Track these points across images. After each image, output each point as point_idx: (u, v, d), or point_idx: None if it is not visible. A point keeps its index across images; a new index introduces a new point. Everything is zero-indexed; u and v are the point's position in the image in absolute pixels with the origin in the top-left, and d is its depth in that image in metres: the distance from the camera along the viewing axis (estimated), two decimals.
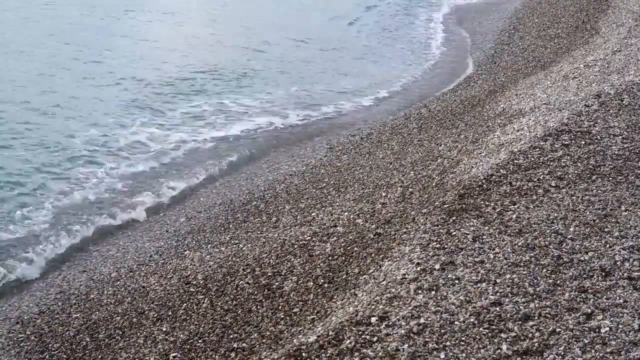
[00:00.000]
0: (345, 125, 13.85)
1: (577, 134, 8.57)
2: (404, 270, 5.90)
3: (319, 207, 8.95)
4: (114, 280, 8.10)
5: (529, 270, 5.81)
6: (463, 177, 7.86)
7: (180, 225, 9.51)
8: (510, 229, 6.45)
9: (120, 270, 8.34)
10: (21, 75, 15.57)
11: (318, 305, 6.36)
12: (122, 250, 9.00)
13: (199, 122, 13.79)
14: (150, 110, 14.16)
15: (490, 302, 5.37)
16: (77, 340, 7.04)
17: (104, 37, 19.20)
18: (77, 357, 6.80)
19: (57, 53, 17.46)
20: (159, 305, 7.32)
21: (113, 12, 22.04)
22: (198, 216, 9.72)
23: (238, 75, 16.66)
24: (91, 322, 7.28)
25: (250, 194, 10.16)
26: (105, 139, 12.58)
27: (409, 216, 7.39)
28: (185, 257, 8.34)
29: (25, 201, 10.13)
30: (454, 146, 9.81)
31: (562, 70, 13.02)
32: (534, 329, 5.11)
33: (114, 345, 6.87)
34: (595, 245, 6.22)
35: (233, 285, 7.25)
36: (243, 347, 6.18)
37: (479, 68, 16.82)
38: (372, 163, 10.49)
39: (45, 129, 12.71)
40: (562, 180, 7.44)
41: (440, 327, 5.11)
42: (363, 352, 4.91)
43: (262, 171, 11.41)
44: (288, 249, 7.69)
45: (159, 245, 8.91)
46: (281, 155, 12.20)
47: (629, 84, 10.55)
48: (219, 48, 19.07)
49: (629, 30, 15.13)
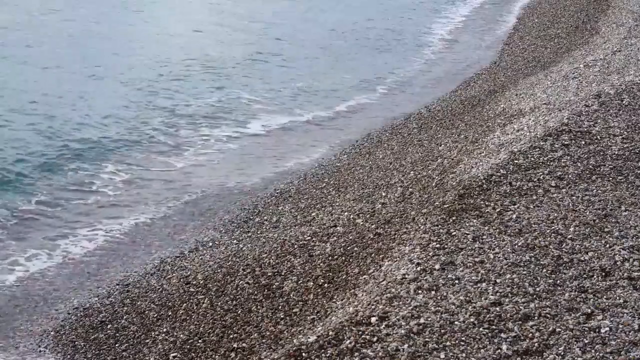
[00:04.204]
0: (345, 124, 13.87)
1: (577, 134, 8.57)
2: (404, 270, 5.90)
3: (319, 207, 8.95)
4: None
5: (529, 270, 5.81)
6: (463, 177, 7.86)
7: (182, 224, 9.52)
8: (510, 229, 6.45)
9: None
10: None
11: (318, 305, 6.35)
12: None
13: (199, 119, 13.81)
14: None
15: (490, 302, 5.37)
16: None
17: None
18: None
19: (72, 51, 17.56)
20: (159, 305, 7.32)
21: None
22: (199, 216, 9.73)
23: (236, 73, 16.69)
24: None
25: (250, 193, 10.16)
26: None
27: (409, 216, 7.38)
28: (185, 257, 8.34)
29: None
30: (454, 146, 9.80)
31: (562, 70, 13.02)
32: (534, 329, 5.11)
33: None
34: (595, 245, 6.22)
35: (233, 285, 7.25)
36: (243, 347, 6.18)
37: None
38: (372, 163, 10.48)
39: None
40: (562, 180, 7.44)
41: (440, 327, 5.11)
42: (363, 352, 4.90)
43: (262, 170, 11.41)
44: (288, 249, 7.69)
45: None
46: (281, 155, 12.19)
47: (629, 84, 10.55)
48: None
49: (629, 30, 15.14)
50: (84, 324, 7.32)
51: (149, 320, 7.11)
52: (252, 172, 11.45)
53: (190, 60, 17.36)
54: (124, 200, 10.47)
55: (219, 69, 16.86)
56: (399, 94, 16.11)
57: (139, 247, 9.02)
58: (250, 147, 12.69)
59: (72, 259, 8.82)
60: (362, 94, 15.98)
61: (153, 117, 13.59)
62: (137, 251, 8.92)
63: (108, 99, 14.34)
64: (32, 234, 9.30)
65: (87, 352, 6.91)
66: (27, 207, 9.96)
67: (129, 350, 6.78)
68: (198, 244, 8.68)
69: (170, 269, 8.05)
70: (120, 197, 10.53)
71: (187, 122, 13.59)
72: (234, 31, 20.69)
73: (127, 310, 7.39)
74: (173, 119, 13.65)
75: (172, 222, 9.69)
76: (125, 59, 17.15)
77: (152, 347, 6.68)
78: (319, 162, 11.20)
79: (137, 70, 16.32)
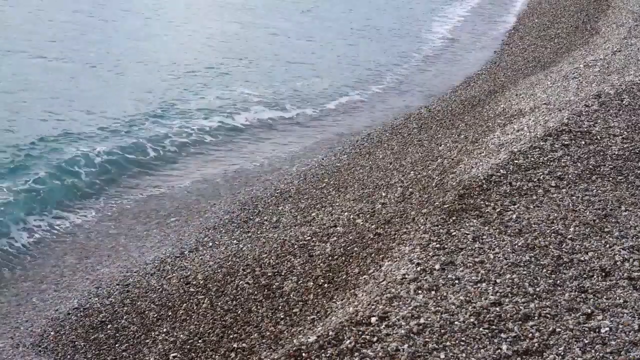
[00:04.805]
0: (340, 123, 13.89)
1: (577, 134, 8.57)
2: (404, 270, 5.90)
3: (319, 207, 8.95)
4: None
5: (529, 270, 5.81)
6: (463, 177, 7.86)
7: (182, 225, 9.52)
8: (510, 229, 6.45)
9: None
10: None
11: (318, 305, 6.36)
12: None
13: (197, 116, 13.81)
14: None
15: (490, 302, 5.37)
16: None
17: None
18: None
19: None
20: (159, 305, 7.32)
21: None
22: (198, 216, 9.73)
23: (230, 70, 16.71)
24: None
25: (250, 193, 10.16)
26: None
27: (409, 216, 7.38)
28: (185, 257, 8.33)
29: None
30: (454, 146, 9.80)
31: (562, 70, 13.02)
32: (534, 329, 5.11)
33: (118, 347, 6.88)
34: (595, 245, 6.22)
35: (233, 285, 7.25)
36: (243, 347, 6.18)
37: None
38: (372, 163, 10.48)
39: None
40: (562, 180, 7.44)
41: (440, 327, 5.11)
42: (363, 352, 4.91)
43: (262, 171, 11.41)
44: (288, 249, 7.69)
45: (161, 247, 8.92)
46: (280, 154, 12.20)
47: (629, 84, 10.55)
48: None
49: (629, 30, 15.14)
50: (84, 324, 7.32)
51: (149, 320, 7.11)
52: (251, 172, 11.47)
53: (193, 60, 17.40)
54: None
55: (220, 68, 16.90)
56: (398, 93, 16.12)
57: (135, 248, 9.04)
58: (241, 144, 12.72)
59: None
60: (360, 92, 15.99)
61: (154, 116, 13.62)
62: (133, 252, 8.94)
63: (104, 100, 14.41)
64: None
65: (87, 352, 6.91)
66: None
67: (129, 350, 6.78)
68: (198, 244, 8.67)
69: (170, 269, 8.04)
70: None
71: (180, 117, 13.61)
72: (231, 29, 20.70)
73: (127, 310, 7.39)
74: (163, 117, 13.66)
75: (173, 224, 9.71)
76: (126, 59, 17.20)
77: (152, 347, 6.68)
78: (319, 162, 11.19)
79: (136, 71, 16.35)
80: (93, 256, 9.02)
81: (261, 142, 13.10)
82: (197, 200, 10.47)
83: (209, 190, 10.88)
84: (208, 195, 10.65)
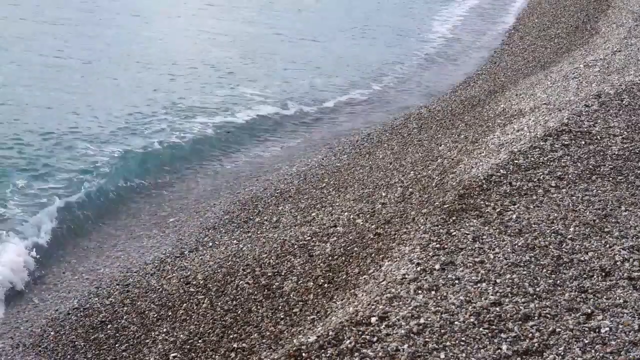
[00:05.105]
0: (341, 122, 13.90)
1: (577, 134, 8.57)
2: (404, 270, 5.90)
3: (319, 207, 8.95)
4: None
5: (529, 270, 5.81)
6: (463, 177, 7.86)
7: (182, 224, 9.52)
8: (510, 229, 6.45)
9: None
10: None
11: (318, 305, 6.36)
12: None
13: (197, 115, 13.82)
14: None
15: (490, 302, 5.37)
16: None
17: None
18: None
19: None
20: (159, 305, 7.32)
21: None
22: (198, 215, 9.73)
23: (230, 70, 16.71)
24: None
25: (250, 193, 10.16)
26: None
27: (409, 216, 7.38)
28: (185, 257, 8.33)
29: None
30: (454, 146, 9.80)
31: (562, 70, 13.02)
32: (534, 329, 5.11)
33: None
34: (595, 245, 6.22)
35: (233, 285, 7.25)
36: (243, 347, 6.18)
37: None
38: (372, 163, 10.48)
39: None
40: (562, 180, 7.44)
41: (440, 327, 5.11)
42: (363, 352, 4.91)
43: (262, 171, 11.41)
44: (288, 249, 7.69)
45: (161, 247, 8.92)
46: (280, 154, 12.20)
47: (629, 84, 10.55)
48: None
49: (629, 30, 15.13)
50: (84, 324, 7.32)
51: (149, 320, 7.11)
52: (251, 171, 11.47)
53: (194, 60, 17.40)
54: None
55: (221, 68, 16.90)
56: (398, 93, 16.12)
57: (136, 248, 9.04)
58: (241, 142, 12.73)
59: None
60: (360, 91, 15.99)
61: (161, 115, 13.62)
62: (133, 252, 8.94)
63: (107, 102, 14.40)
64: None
65: (87, 352, 6.91)
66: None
67: (129, 350, 6.78)
68: (198, 244, 8.67)
69: (170, 269, 8.05)
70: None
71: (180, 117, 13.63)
72: (232, 30, 20.70)
73: (127, 310, 7.39)
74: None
75: (175, 221, 9.71)
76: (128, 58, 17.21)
77: (152, 347, 6.68)
78: (319, 162, 11.19)
79: (137, 70, 16.35)
80: (93, 256, 9.03)
81: (261, 142, 13.11)
82: (197, 200, 10.48)
83: (209, 190, 10.88)
84: (208, 195, 10.66)
